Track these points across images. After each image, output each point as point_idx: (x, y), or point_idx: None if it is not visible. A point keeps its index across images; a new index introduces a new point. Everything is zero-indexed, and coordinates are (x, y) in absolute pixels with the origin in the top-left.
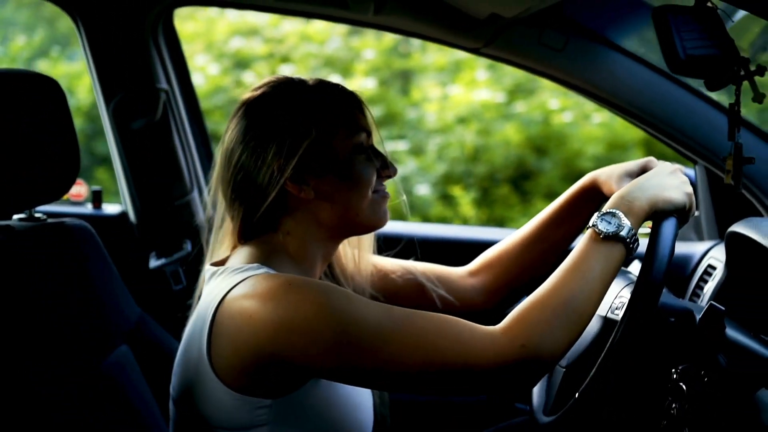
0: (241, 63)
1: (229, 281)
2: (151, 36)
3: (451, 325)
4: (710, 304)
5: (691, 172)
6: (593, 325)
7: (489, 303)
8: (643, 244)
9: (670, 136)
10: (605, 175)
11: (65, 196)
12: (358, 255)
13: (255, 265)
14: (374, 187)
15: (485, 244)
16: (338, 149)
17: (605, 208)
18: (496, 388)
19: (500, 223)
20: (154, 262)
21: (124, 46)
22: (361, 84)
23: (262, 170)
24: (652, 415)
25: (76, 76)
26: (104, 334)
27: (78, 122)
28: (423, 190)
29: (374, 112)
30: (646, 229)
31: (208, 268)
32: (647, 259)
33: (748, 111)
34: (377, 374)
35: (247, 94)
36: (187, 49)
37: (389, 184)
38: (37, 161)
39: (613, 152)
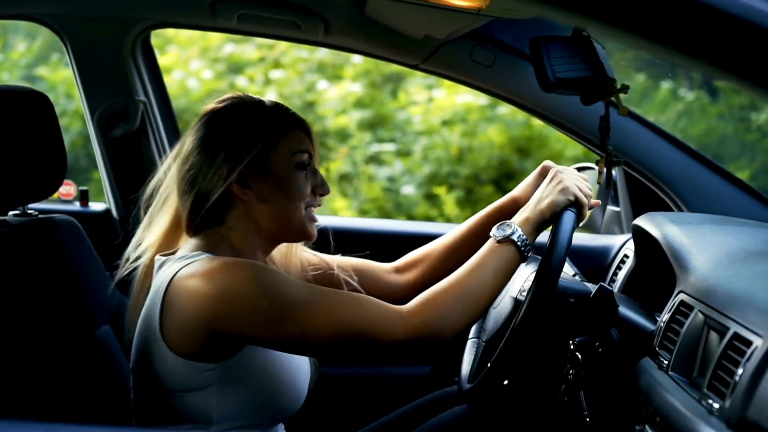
0: (234, 68)
1: (177, 265)
2: (131, 54)
3: (364, 301)
4: (600, 285)
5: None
6: (506, 305)
7: (410, 298)
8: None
9: (587, 140)
10: (520, 190)
11: (56, 195)
12: (285, 251)
13: (199, 252)
14: (308, 201)
15: (430, 237)
16: (280, 163)
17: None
18: (400, 355)
19: None
20: None
21: (107, 63)
22: (350, 88)
23: (211, 171)
24: (552, 380)
25: None
26: (88, 316)
27: (78, 126)
28: (409, 190)
29: (363, 114)
30: None
31: (158, 258)
32: (547, 250)
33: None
34: (300, 343)
35: (210, 105)
36: (183, 54)
37: (381, 186)
38: (30, 164)
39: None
